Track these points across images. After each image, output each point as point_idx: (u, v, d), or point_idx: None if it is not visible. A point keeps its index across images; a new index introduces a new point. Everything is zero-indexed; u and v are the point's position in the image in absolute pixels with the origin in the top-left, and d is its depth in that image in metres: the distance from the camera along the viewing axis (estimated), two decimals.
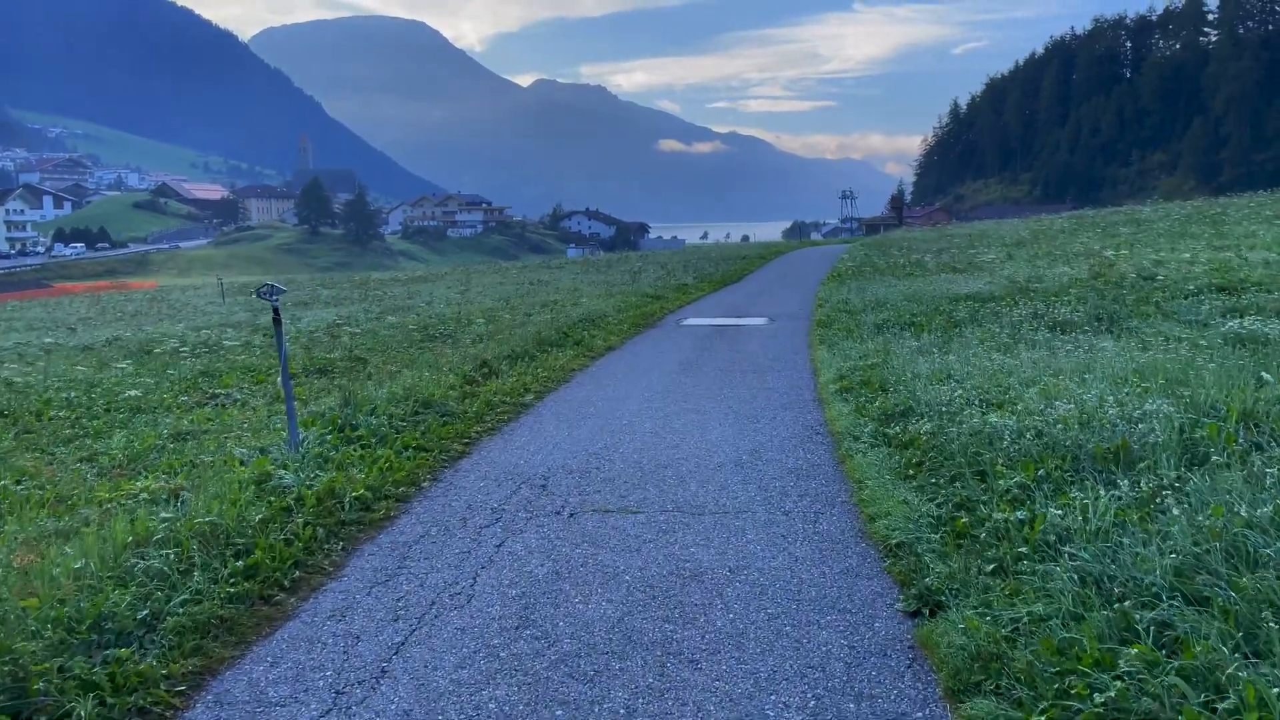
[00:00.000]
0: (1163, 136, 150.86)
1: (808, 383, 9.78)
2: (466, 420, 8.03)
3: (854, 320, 13.53)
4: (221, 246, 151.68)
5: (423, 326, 17.35)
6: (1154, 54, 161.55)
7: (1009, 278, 16.93)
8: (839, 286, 20.94)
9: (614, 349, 13.41)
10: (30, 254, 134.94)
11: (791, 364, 11.21)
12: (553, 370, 11.06)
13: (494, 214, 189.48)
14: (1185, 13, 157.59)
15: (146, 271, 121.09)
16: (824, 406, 8.32)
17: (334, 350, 13.58)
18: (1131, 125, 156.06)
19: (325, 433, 7.13)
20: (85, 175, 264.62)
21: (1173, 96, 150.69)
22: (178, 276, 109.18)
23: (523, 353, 11.99)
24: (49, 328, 25.38)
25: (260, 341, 17.35)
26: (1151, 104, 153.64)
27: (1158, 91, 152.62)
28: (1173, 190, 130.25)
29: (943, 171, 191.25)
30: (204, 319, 26.62)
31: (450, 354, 11.76)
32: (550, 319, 15.91)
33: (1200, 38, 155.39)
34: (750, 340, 13.79)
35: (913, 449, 5.87)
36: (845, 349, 10.99)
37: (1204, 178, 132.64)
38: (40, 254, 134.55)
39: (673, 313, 18.90)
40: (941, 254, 27.65)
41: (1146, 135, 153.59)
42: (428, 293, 29.68)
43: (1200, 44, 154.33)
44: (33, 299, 57.10)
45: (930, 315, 12.69)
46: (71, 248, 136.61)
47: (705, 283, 26.20)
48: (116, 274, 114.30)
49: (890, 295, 15.91)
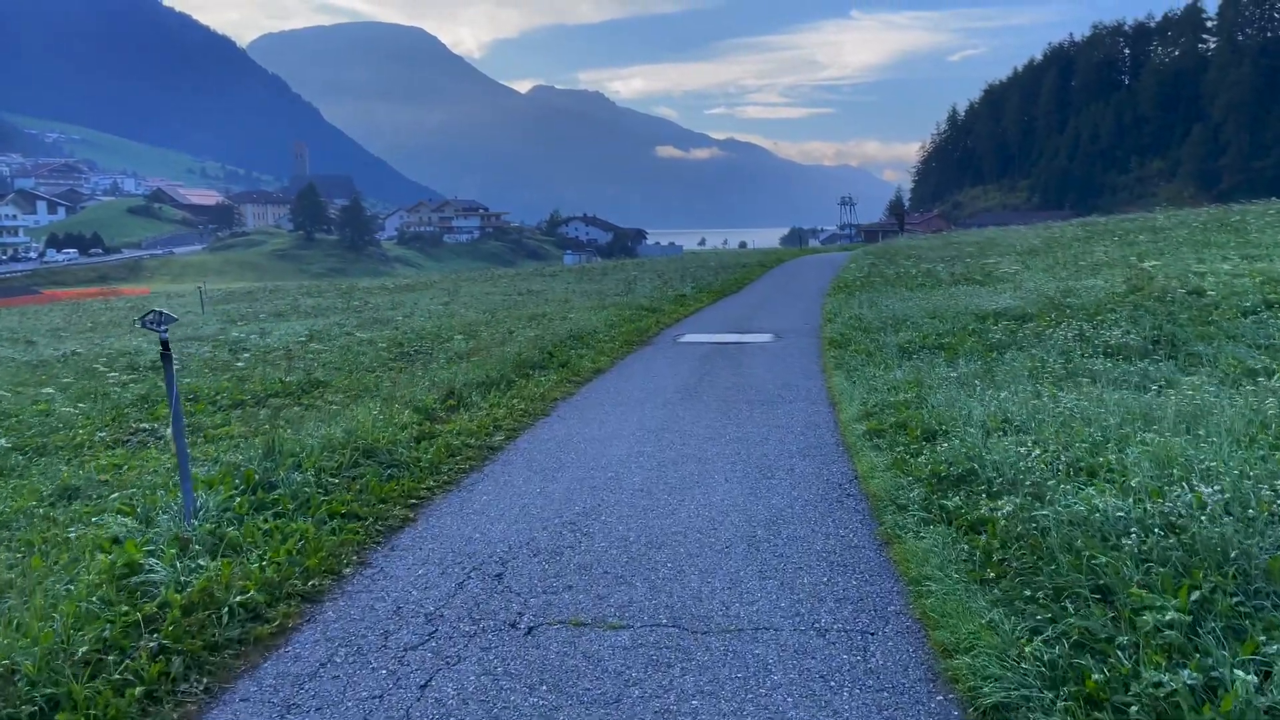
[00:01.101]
0: (1162, 143, 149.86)
1: (827, 419, 8.35)
2: (418, 473, 6.59)
3: (872, 340, 12.09)
4: (216, 252, 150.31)
5: (397, 343, 15.92)
6: (1153, 61, 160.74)
7: (1037, 291, 15.51)
8: (848, 299, 19.53)
9: (603, 372, 11.97)
10: (22, 259, 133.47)
11: (805, 393, 9.78)
12: (531, 400, 9.63)
13: (491, 220, 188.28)
14: (1184, 19, 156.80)
15: (139, 277, 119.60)
16: (851, 454, 6.88)
17: (290, 373, 12.13)
18: (1130, 132, 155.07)
19: (234, 494, 5.69)
20: (81, 180, 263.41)
21: (1172, 103, 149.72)
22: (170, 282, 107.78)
23: (499, 379, 10.55)
24: (10, 340, 23.89)
25: (221, 357, 15.92)
26: (1150, 111, 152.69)
27: (1156, 98, 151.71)
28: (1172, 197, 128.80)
29: (941, 178, 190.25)
30: (177, 330, 25.17)
31: (413, 380, 10.32)
32: (535, 335, 14.48)
33: (1199, 44, 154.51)
34: (755, 361, 12.36)
35: (986, 535, 4.42)
36: (867, 376, 9.55)
37: (1204, 185, 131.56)
38: (33, 259, 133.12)
39: (669, 327, 17.48)
40: (953, 263, 26.26)
41: (1145, 142, 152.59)
42: (412, 303, 28.22)
43: (1199, 51, 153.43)
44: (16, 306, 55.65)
45: (960, 336, 11.26)
46: (65, 253, 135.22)
47: (704, 293, 24.80)
48: (109, 280, 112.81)
49: (908, 311, 14.48)
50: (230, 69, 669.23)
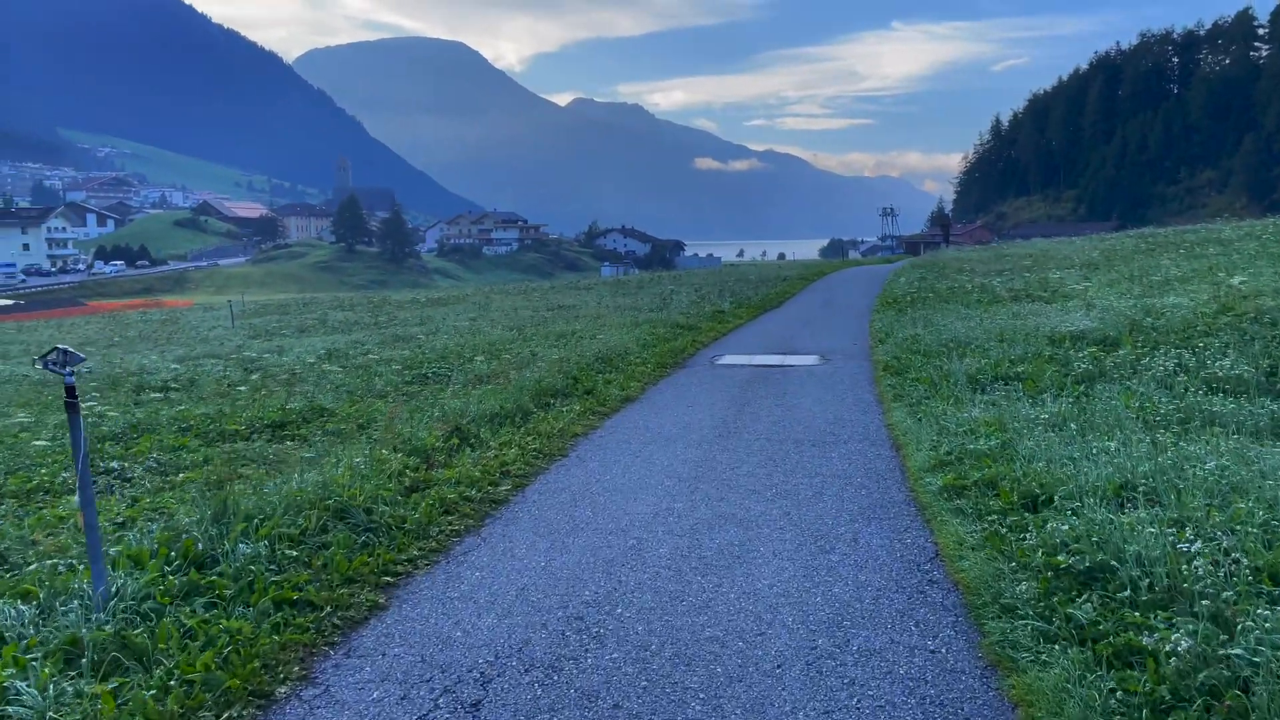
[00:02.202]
0: (1212, 153, 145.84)
1: (891, 467, 7.08)
2: (401, 538, 5.45)
3: (934, 367, 10.77)
4: (259, 264, 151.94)
5: (416, 363, 14.90)
6: (1202, 69, 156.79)
7: (1112, 310, 14.05)
8: (898, 316, 18.17)
9: (633, 400, 10.79)
10: (71, 271, 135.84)
11: (861, 431, 8.51)
12: (548, 438, 8.47)
13: (529, 232, 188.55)
14: (1234, 27, 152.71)
15: (184, 289, 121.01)
16: (928, 519, 5.63)
17: (291, 399, 11.12)
18: (1179, 142, 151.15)
19: (166, 571, 4.59)
20: (130, 194, 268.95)
21: (1222, 112, 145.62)
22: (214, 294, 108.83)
23: (514, 410, 9.41)
24: (25, 356, 23.34)
25: (233, 376, 15.03)
26: (1200, 120, 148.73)
27: (1206, 107, 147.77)
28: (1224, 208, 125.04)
29: (984, 189, 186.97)
30: (202, 346, 24.49)
31: (418, 411, 9.21)
32: (560, 358, 13.35)
33: (1250, 52, 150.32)
34: (802, 390, 11.11)
35: (1145, 675, 3.15)
36: (934, 412, 8.26)
37: (1256, 195, 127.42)
38: (81, 271, 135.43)
39: (706, 347, 16.26)
40: (1009, 277, 24.73)
41: (1195, 152, 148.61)
42: (440, 318, 27.32)
43: (1251, 59, 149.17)
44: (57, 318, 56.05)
45: (1036, 364, 9.91)
46: (112, 265, 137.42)
47: (743, 308, 23.55)
48: (154, 291, 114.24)
49: (970, 332, 13.12)
50: (277, 84, 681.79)
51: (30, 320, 53.01)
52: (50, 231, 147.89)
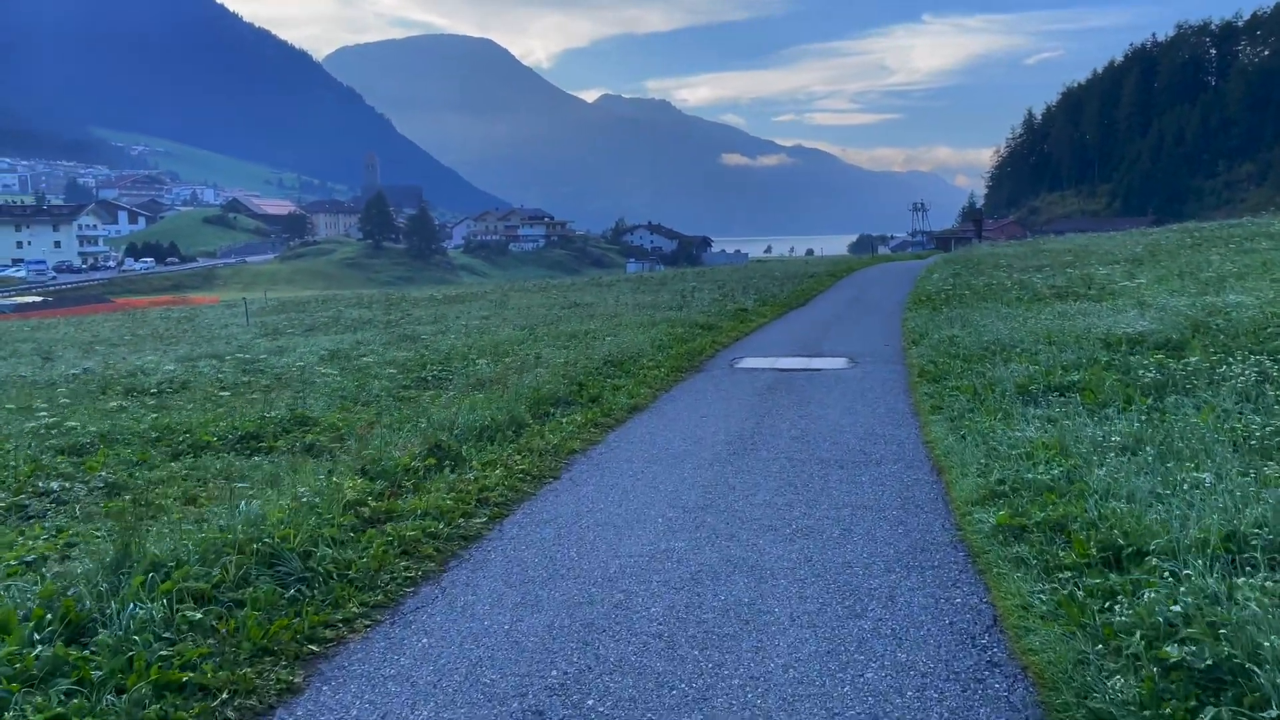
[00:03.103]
0: (1251, 147, 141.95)
1: (932, 496, 6.06)
2: (340, 590, 4.51)
3: (975, 374, 9.69)
4: (287, 261, 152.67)
5: (418, 365, 14.04)
6: (1240, 61, 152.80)
7: (1169, 309, 12.87)
8: (933, 315, 17.04)
9: (641, 410, 9.82)
10: (101, 268, 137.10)
11: (896, 448, 7.48)
12: (540, 455, 7.52)
13: (556, 228, 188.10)
14: (1273, 18, 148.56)
15: (212, 286, 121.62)
16: (982, 571, 4.60)
17: (272, 406, 10.26)
18: (1217, 135, 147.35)
19: (36, 640, 3.70)
20: (162, 191, 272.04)
21: (1262, 105, 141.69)
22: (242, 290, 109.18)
23: (507, 422, 8.47)
24: (31, 354, 22.78)
25: (231, 379, 14.25)
26: (1238, 113, 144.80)
27: (1245, 100, 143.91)
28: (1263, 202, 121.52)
29: (1016, 184, 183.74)
30: (208, 345, 23.84)
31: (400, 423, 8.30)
32: (568, 360, 12.41)
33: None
34: (827, 398, 10.08)
35: None
36: (980, 428, 7.21)
37: None
38: (111, 268, 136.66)
39: (726, 348, 15.25)
40: (1050, 274, 23.46)
41: (1234, 145, 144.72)
42: (455, 315, 26.49)
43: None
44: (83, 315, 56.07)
45: (1093, 371, 8.80)
46: (142, 262, 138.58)
47: (767, 306, 22.49)
48: (183, 288, 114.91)
49: (1014, 333, 12.00)
50: (307, 82, 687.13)
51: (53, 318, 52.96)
52: (81, 229, 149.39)
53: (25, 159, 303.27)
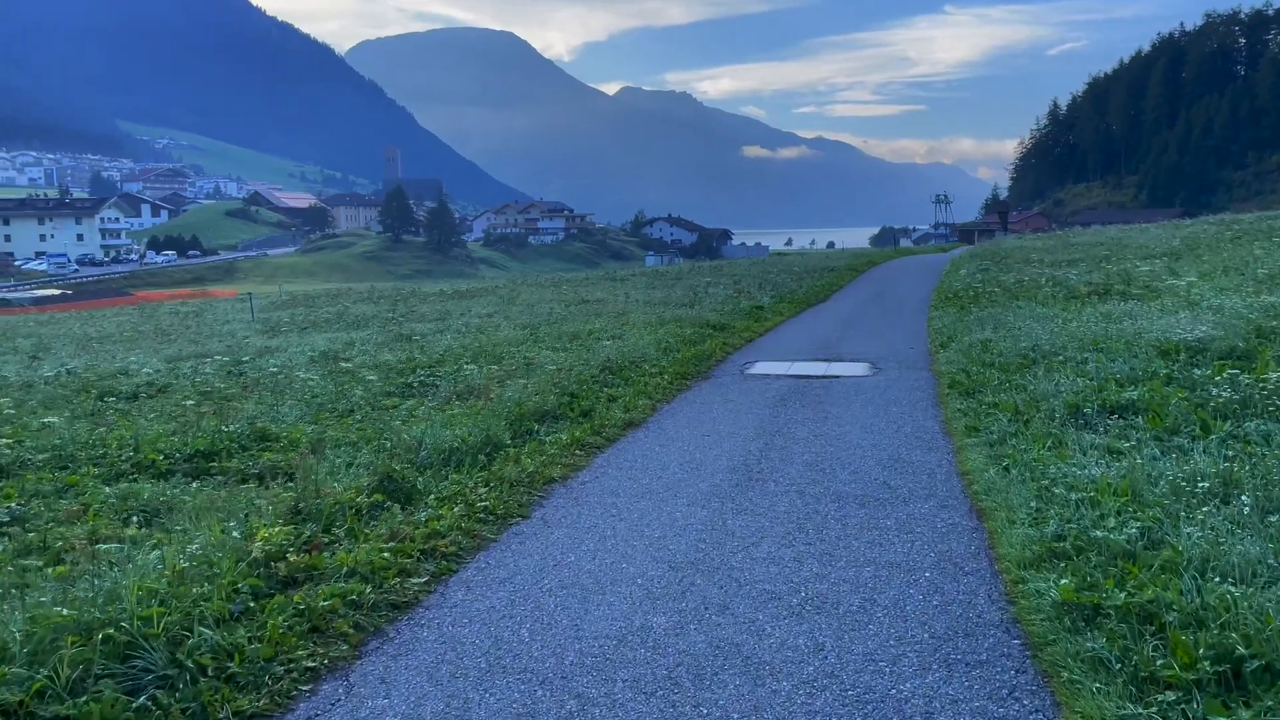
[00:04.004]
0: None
1: (974, 552, 4.96)
2: (208, 697, 3.48)
3: (1013, 385, 8.55)
4: (307, 254, 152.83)
5: (406, 369, 13.07)
6: (1271, 50, 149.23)
7: (1226, 312, 11.64)
8: (961, 316, 15.86)
9: (637, 426, 8.75)
10: (123, 261, 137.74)
11: (926, 480, 6.38)
12: (512, 485, 6.48)
13: (576, 221, 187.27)
14: None
15: (233, 279, 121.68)
16: (1047, 676, 3.51)
17: (231, 419, 9.28)
18: (1247, 125, 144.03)
19: None
20: (185, 185, 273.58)
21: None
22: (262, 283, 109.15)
23: (481, 444, 7.44)
24: (15, 352, 22.02)
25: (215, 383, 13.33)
26: (1269, 102, 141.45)
27: (1275, 89, 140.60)
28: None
29: (1040, 175, 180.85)
30: (203, 344, 23.03)
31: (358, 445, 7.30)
32: (561, 366, 11.37)
33: None
34: (848, 412, 8.97)
35: None
36: (1025, 458, 6.09)
37: None
38: (133, 261, 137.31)
39: (738, 351, 14.15)
40: (1085, 269, 22.15)
41: (1264, 136, 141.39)
42: (459, 312, 25.51)
43: None
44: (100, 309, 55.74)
45: (1154, 386, 7.63)
46: (164, 255, 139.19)
47: (784, 303, 21.35)
48: (204, 281, 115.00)
49: (1055, 338, 10.83)
50: (329, 76, 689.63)
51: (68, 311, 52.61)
52: (104, 222, 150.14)
53: (51, 153, 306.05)
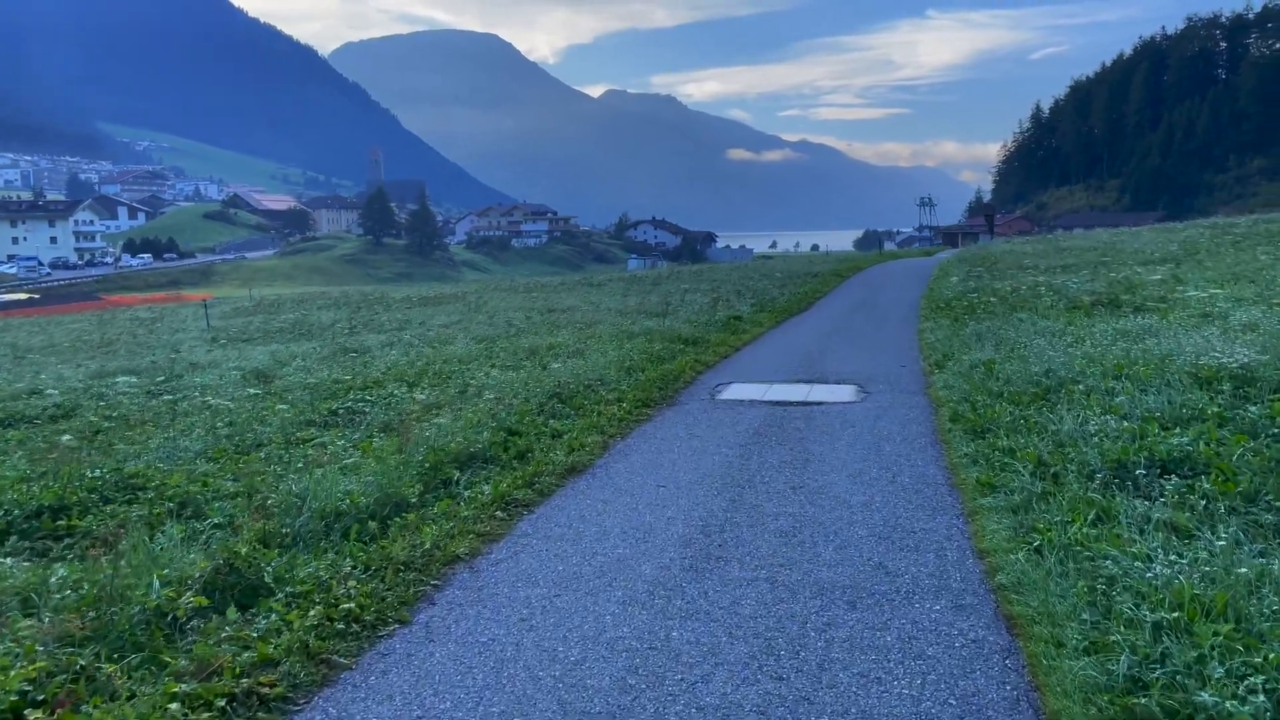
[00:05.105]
0: (1264, 141, 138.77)
1: (1009, 696, 3.53)
2: None
3: (1030, 424, 7.14)
4: (286, 257, 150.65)
5: (340, 392, 11.55)
6: (1252, 54, 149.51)
7: (1264, 330, 10.27)
8: (955, 328, 14.48)
9: (581, 472, 7.28)
10: (98, 264, 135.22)
11: (934, 564, 4.95)
12: (402, 568, 5.00)
13: (559, 224, 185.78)
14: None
15: (210, 282, 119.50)
16: None
17: (87, 464, 7.74)
18: (1228, 129, 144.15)
19: None
20: (164, 187, 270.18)
21: (1273, 98, 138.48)
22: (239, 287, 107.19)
23: (379, 502, 5.96)
24: None
25: (123, 402, 11.80)
26: (1250, 106, 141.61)
27: (1257, 93, 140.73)
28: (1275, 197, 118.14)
29: (1023, 178, 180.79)
30: (141, 356, 21.44)
31: (218, 507, 5.81)
32: (502, 396, 9.89)
33: None
34: (832, 454, 7.54)
35: None
36: (1065, 541, 4.67)
37: None
38: (108, 264, 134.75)
39: (710, 369, 12.69)
40: (1084, 277, 20.85)
41: (1245, 139, 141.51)
42: (421, 320, 23.98)
43: None
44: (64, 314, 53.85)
45: (1207, 431, 6.22)
46: (139, 258, 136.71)
47: (764, 312, 19.92)
48: (180, 284, 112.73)
49: (1070, 361, 9.41)
50: (313, 78, 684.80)
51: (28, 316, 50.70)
52: (78, 224, 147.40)
53: (29, 154, 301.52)
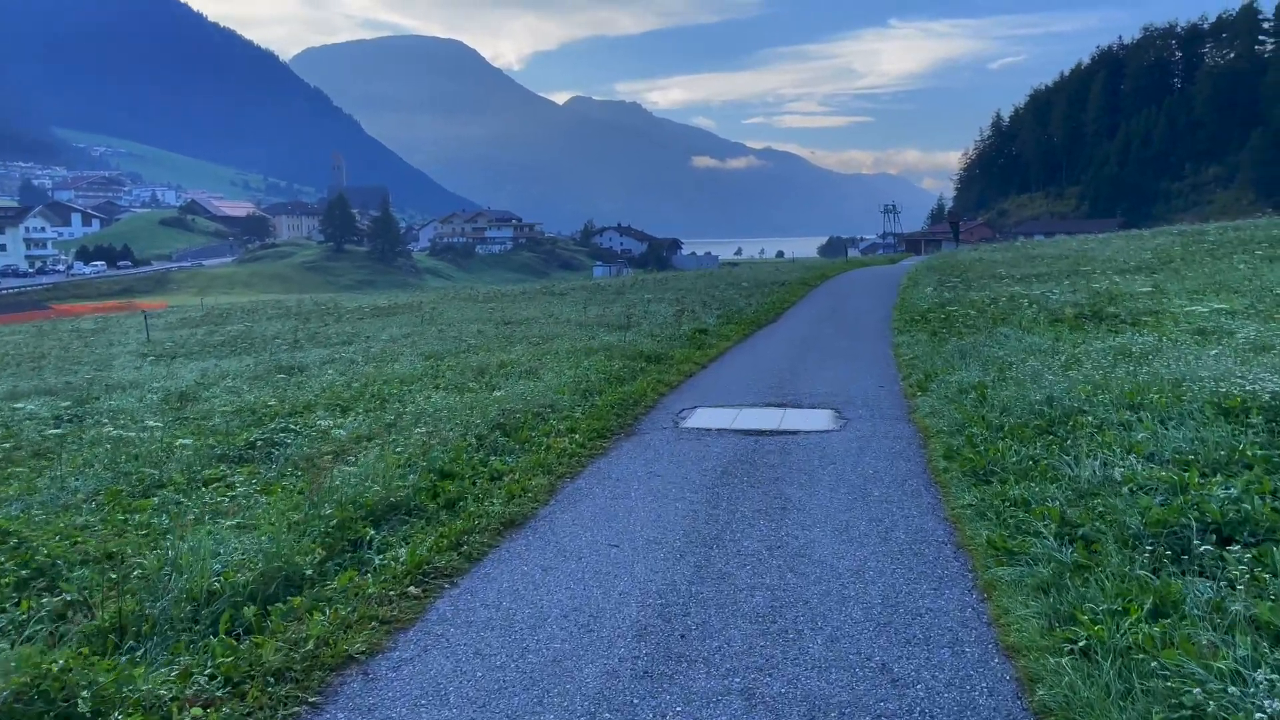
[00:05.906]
0: (1219, 149, 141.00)
1: None
2: None
3: (1039, 467, 6.17)
4: (245, 264, 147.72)
5: (265, 419, 10.36)
6: (1207, 64, 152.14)
7: (1271, 347, 9.43)
8: (935, 344, 13.57)
9: (518, 525, 6.18)
10: (49, 272, 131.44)
11: (951, 671, 3.92)
12: (272, 680, 3.88)
13: (524, 230, 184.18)
14: (1239, 20, 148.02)
15: (165, 290, 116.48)
16: None
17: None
18: (1184, 137, 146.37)
19: None
20: (120, 193, 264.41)
21: (1228, 107, 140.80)
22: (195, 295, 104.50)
23: (262, 579, 4.83)
24: None
25: (23, 432, 10.49)
26: (1205, 115, 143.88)
27: (1212, 102, 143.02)
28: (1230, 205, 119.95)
29: (985, 186, 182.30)
30: (65, 374, 19.93)
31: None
32: (435, 430, 8.76)
33: (1256, 46, 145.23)
34: (812, 500, 6.51)
35: None
36: (1122, 646, 3.67)
37: (1264, 191, 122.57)
38: (59, 272, 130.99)
39: (673, 391, 11.64)
40: (1064, 287, 20.10)
41: (1201, 147, 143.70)
42: (370, 333, 22.70)
43: (1256, 52, 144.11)
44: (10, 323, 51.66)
45: (1259, 478, 5.27)
46: (92, 266, 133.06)
47: (732, 324, 18.93)
48: (133, 293, 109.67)
49: (1072, 387, 8.48)
50: (274, 83, 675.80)
51: None
52: (29, 231, 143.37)
53: None
